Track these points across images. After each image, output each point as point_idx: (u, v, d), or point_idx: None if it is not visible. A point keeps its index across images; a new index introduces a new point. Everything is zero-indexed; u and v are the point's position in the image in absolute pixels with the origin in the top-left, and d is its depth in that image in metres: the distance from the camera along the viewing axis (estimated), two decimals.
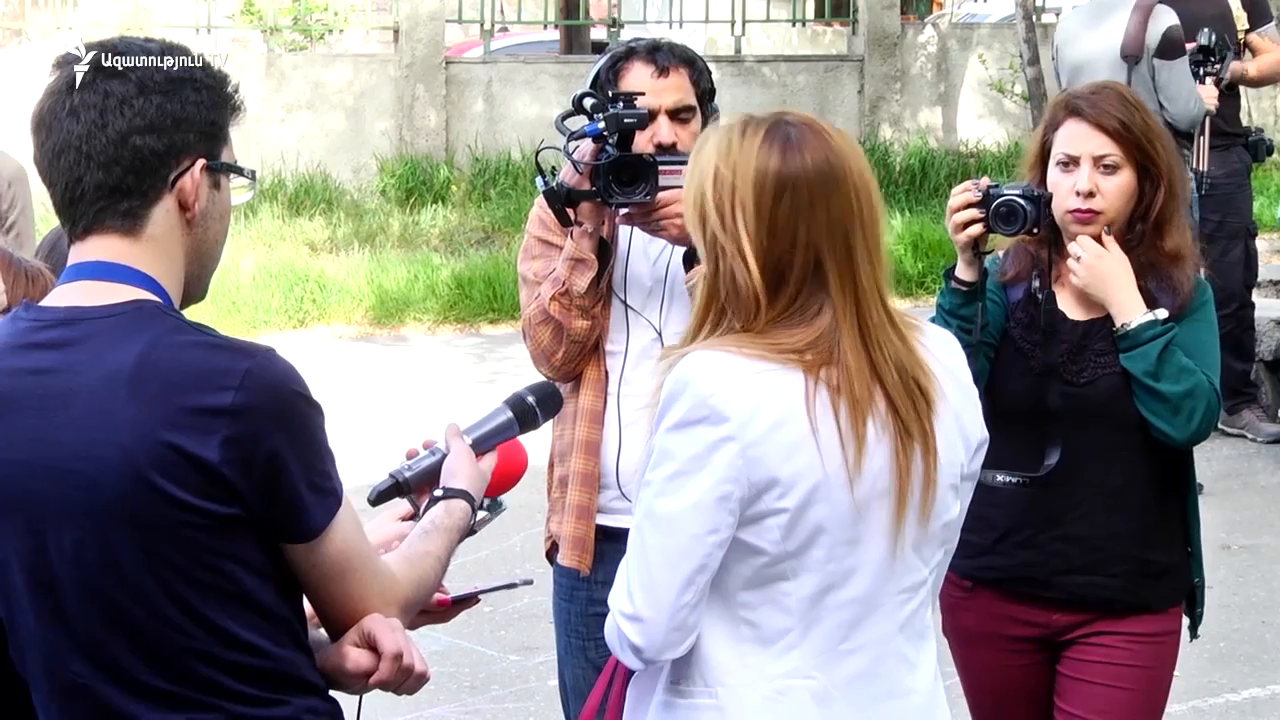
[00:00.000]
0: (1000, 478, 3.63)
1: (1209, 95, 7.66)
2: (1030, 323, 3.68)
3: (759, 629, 2.60)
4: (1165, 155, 3.62)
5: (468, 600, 2.85)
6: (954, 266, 3.67)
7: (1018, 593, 3.70)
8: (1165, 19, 7.61)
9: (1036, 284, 3.67)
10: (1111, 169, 3.60)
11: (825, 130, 2.62)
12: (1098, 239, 3.62)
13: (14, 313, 2.43)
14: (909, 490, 2.59)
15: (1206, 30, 7.76)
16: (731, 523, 2.54)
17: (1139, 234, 3.64)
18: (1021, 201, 3.61)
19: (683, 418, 2.54)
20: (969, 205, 3.64)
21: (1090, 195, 3.60)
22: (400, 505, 2.82)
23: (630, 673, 2.73)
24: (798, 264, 2.58)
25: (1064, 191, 3.63)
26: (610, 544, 3.89)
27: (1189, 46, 7.74)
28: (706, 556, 2.54)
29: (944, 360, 2.70)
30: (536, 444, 3.01)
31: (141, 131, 2.35)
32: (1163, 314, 3.58)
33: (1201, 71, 7.70)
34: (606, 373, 3.87)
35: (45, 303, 2.41)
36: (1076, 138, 3.62)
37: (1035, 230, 3.64)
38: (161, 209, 2.38)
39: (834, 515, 2.56)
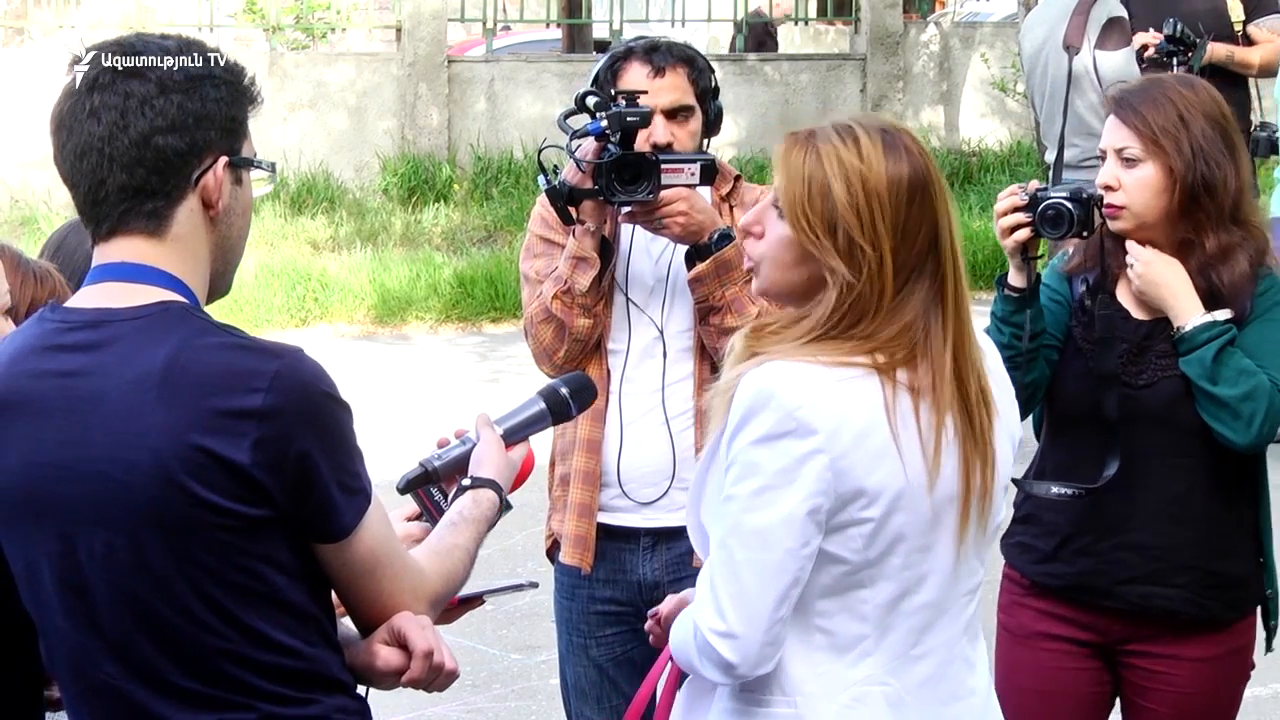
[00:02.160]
0: (1055, 490, 3.57)
1: None
2: (1091, 321, 3.58)
3: (834, 636, 2.62)
4: (1186, 151, 3.47)
5: (473, 601, 2.85)
6: (1007, 273, 3.59)
7: (1078, 600, 3.63)
8: (1107, 9, 7.56)
9: (1083, 288, 3.59)
10: (1132, 162, 3.50)
11: (916, 137, 2.68)
12: (1145, 243, 3.52)
13: (40, 313, 2.43)
14: (972, 496, 2.63)
15: (1171, 20, 7.70)
16: (820, 535, 2.55)
17: (1182, 232, 3.52)
18: (1068, 204, 3.52)
19: (769, 431, 2.53)
20: (1015, 209, 3.56)
21: (1109, 189, 3.51)
22: (407, 504, 2.82)
23: (683, 676, 2.73)
24: (913, 263, 2.61)
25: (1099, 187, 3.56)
26: (611, 542, 3.90)
27: (1148, 38, 7.68)
28: (800, 570, 2.56)
29: (993, 367, 2.74)
30: (538, 443, 3.01)
31: (163, 131, 2.34)
32: (1223, 315, 3.48)
33: (1175, 62, 7.63)
34: (608, 371, 3.87)
35: (71, 304, 2.41)
36: (1107, 132, 3.56)
37: (1085, 234, 3.55)
38: (185, 208, 2.38)
39: (913, 522, 2.59)
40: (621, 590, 3.89)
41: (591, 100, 3.77)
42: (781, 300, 2.72)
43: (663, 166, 3.72)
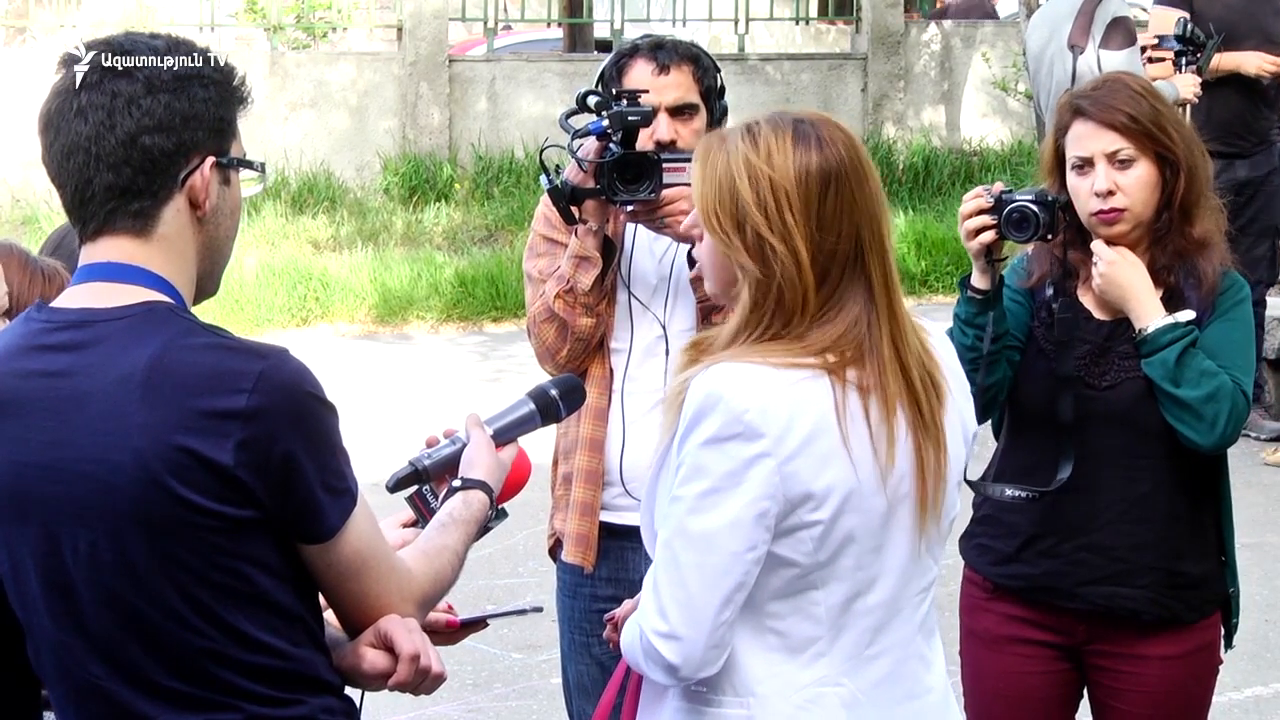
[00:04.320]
0: (1010, 492, 3.55)
1: (1185, 84, 7.60)
2: (1053, 323, 3.58)
3: (787, 638, 2.60)
4: (1181, 140, 3.49)
5: (476, 624, 2.84)
6: (970, 275, 3.58)
7: (1040, 601, 3.61)
8: (1111, 9, 7.57)
9: (1050, 292, 3.58)
10: (1127, 163, 3.48)
11: (840, 124, 2.64)
12: (1113, 244, 3.51)
13: (26, 313, 2.42)
14: (927, 489, 2.60)
15: (1182, 20, 7.71)
16: (767, 539, 2.53)
17: (1166, 223, 3.51)
18: (1034, 207, 3.51)
19: (715, 433, 2.51)
20: (981, 211, 3.54)
21: (1110, 194, 3.49)
22: (402, 511, 2.82)
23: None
24: (841, 257, 2.58)
25: (1084, 194, 3.52)
26: (614, 540, 3.90)
27: (1149, 36, 7.68)
28: (745, 574, 2.54)
29: (944, 358, 2.71)
30: (541, 441, 3.01)
31: (150, 131, 2.33)
32: (1185, 316, 3.47)
33: (1183, 61, 7.65)
34: (611, 370, 3.87)
35: (57, 304, 2.40)
36: (1085, 138, 3.52)
37: (1049, 236, 3.54)
38: (172, 208, 2.37)
39: (864, 523, 2.57)
40: (624, 589, 3.89)
41: (593, 99, 3.78)
42: (727, 304, 2.70)
43: (665, 165, 3.73)
